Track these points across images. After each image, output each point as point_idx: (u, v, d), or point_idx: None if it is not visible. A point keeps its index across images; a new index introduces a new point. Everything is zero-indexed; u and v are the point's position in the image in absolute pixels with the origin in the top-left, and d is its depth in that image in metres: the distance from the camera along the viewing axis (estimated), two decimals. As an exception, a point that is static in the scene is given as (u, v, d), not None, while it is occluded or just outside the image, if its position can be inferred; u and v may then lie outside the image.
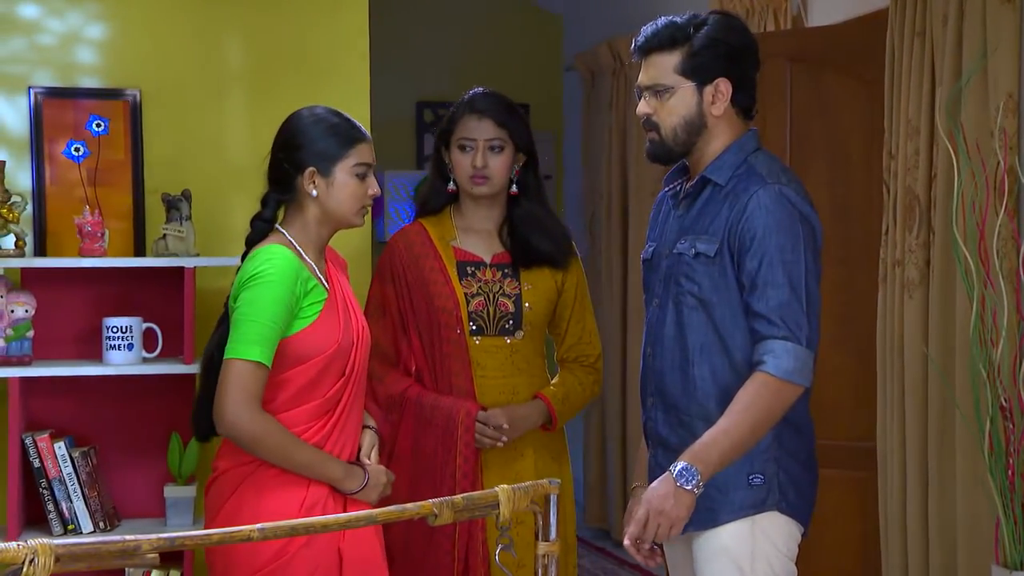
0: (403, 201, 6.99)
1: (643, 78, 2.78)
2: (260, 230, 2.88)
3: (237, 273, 2.85)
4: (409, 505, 2.16)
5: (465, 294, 3.27)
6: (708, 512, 2.68)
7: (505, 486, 2.24)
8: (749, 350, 2.66)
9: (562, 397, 3.34)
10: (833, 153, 4.17)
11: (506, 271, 3.33)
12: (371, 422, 3.00)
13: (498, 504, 2.22)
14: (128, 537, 1.87)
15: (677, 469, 2.57)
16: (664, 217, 2.88)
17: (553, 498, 2.28)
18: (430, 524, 2.17)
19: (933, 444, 3.61)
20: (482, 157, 3.28)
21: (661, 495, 2.57)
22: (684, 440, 2.72)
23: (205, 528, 2.89)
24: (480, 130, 3.29)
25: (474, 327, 3.27)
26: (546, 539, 2.28)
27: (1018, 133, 3.40)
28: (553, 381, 3.38)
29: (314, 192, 2.85)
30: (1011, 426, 3.26)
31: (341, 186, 2.86)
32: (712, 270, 2.69)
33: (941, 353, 3.56)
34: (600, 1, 6.69)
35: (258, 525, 1.99)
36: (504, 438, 3.22)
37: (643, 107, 2.78)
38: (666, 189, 2.89)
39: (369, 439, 2.95)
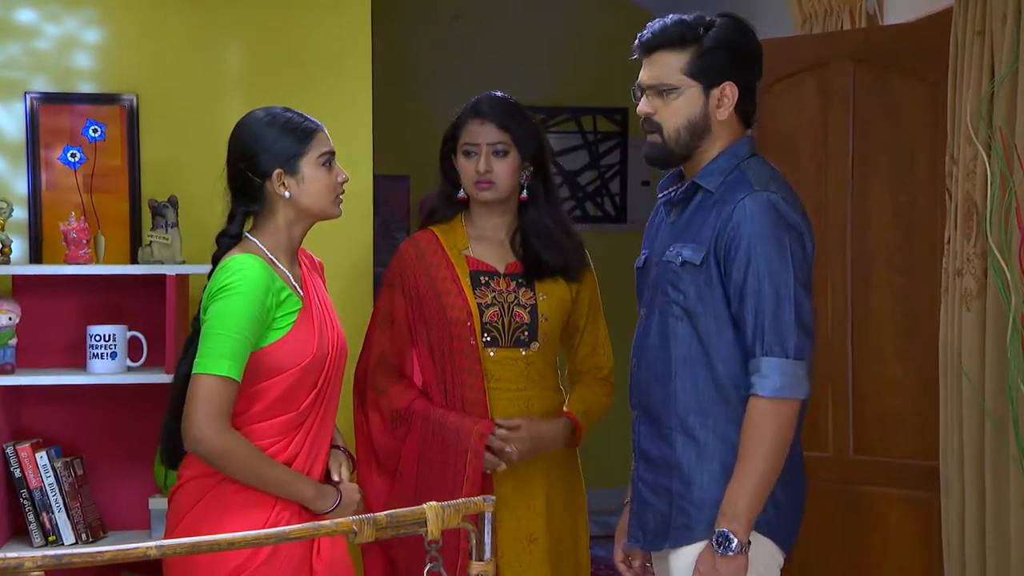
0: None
1: (645, 76, 2.72)
2: (227, 247, 2.81)
3: (206, 285, 2.78)
4: (326, 522, 2.06)
5: (479, 304, 3.17)
6: (685, 529, 2.63)
7: (434, 503, 2.11)
8: (732, 363, 2.59)
9: (584, 411, 3.26)
10: (897, 158, 3.96)
11: (520, 281, 3.23)
12: (339, 441, 2.90)
13: (425, 521, 2.09)
14: (10, 555, 1.78)
15: (714, 537, 2.54)
16: (658, 225, 2.81)
17: (488, 516, 2.15)
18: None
19: (989, 464, 3.39)
20: (485, 162, 3.19)
21: (707, 569, 2.54)
22: (665, 454, 2.67)
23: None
24: (483, 134, 3.21)
25: (488, 338, 3.17)
26: (480, 559, 2.15)
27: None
28: (572, 395, 3.28)
29: (287, 193, 2.78)
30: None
31: (312, 180, 2.79)
32: (698, 279, 2.61)
33: (996, 368, 3.35)
34: (692, -1, 6.49)
35: (155, 543, 1.90)
36: (508, 448, 3.09)
37: (644, 106, 2.73)
38: (660, 196, 2.82)
39: (336, 459, 2.87)
